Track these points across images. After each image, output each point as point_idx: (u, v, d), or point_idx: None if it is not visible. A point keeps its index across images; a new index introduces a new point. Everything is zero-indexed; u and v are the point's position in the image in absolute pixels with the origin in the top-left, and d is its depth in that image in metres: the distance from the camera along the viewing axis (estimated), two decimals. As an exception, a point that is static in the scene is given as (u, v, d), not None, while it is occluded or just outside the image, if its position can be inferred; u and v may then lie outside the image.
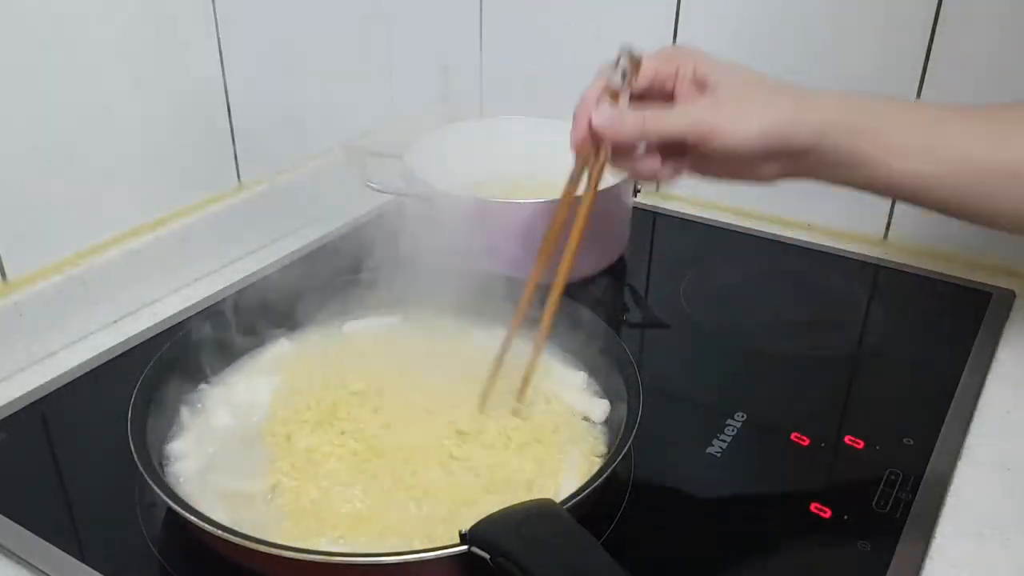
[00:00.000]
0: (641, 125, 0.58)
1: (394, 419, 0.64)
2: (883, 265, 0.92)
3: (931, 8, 0.85)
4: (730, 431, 0.67)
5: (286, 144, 0.95)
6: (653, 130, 0.58)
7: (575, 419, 0.65)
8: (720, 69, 0.60)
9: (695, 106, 0.60)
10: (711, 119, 0.58)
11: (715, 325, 0.82)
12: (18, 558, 0.57)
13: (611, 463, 0.55)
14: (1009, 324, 0.81)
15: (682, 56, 0.61)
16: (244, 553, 0.51)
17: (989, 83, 0.85)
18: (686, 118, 0.59)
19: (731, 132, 0.57)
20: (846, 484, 0.64)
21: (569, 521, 0.49)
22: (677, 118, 0.59)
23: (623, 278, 0.91)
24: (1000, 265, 0.90)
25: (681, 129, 0.58)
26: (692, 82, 0.61)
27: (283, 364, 0.70)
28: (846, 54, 0.91)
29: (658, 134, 0.59)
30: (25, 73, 0.70)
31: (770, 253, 0.95)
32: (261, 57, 0.89)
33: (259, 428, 0.63)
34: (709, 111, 0.58)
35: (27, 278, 0.74)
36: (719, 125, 0.57)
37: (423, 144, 0.91)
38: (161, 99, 0.81)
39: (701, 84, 0.60)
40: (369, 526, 0.56)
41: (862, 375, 0.78)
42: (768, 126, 0.58)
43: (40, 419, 0.69)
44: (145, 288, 0.83)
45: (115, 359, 0.75)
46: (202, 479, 0.59)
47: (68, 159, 0.75)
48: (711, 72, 0.60)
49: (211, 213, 0.88)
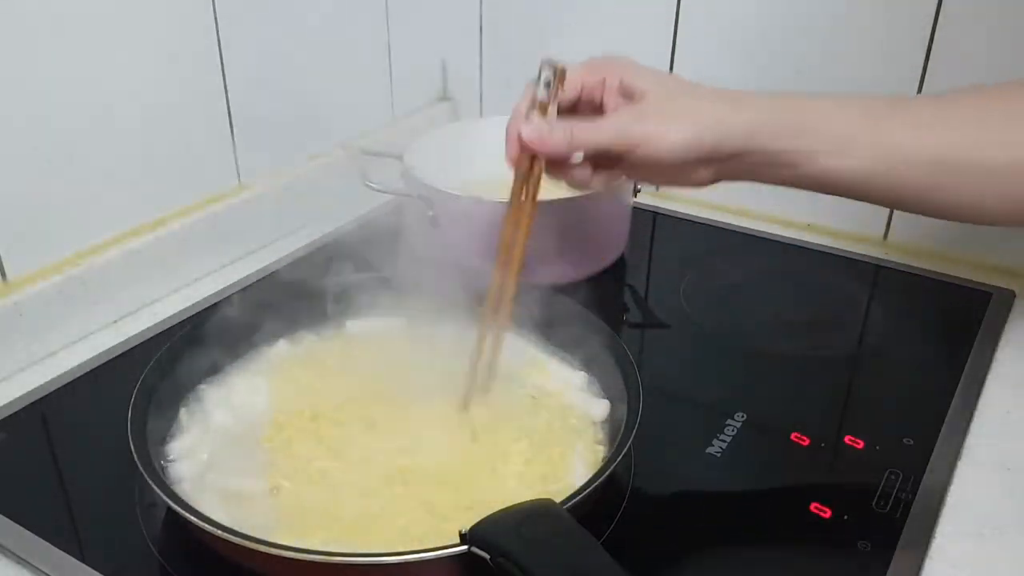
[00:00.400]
0: (569, 137, 0.59)
1: (394, 420, 0.64)
2: (883, 265, 0.92)
3: (931, 8, 0.85)
4: (730, 431, 0.67)
5: (286, 144, 0.95)
6: (580, 142, 0.59)
7: (575, 419, 0.65)
8: (646, 79, 0.61)
9: (620, 116, 0.60)
10: (637, 129, 0.58)
11: (715, 325, 0.82)
12: (18, 558, 0.57)
13: (611, 463, 0.55)
14: (1009, 324, 0.81)
15: (608, 66, 0.62)
16: (244, 553, 0.51)
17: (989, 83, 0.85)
18: (612, 129, 0.59)
19: (656, 141, 0.58)
20: (846, 484, 0.64)
21: (569, 521, 0.49)
22: (603, 129, 0.59)
23: (623, 278, 0.91)
24: (1000, 265, 0.90)
25: (608, 140, 0.59)
26: (619, 92, 0.61)
27: (283, 364, 0.70)
28: (846, 54, 0.91)
29: (585, 145, 0.59)
30: (25, 73, 0.70)
31: (770, 253, 0.95)
32: (261, 57, 0.89)
33: (259, 429, 0.63)
34: (634, 121, 0.59)
35: (27, 278, 0.74)
36: (645, 135, 0.58)
37: (423, 144, 0.91)
38: (161, 99, 0.81)
39: (628, 94, 0.61)
40: (369, 526, 0.56)
41: (862, 375, 0.78)
42: (693, 134, 0.58)
43: (40, 419, 0.69)
44: (145, 288, 0.83)
45: (115, 359, 0.75)
46: (202, 479, 0.59)
47: (68, 159, 0.75)
48: (637, 82, 0.60)
49: (211, 213, 0.88)
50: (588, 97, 0.63)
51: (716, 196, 1.03)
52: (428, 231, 0.84)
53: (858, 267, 0.92)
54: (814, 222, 0.99)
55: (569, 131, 0.59)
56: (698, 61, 0.99)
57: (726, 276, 0.91)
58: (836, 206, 0.96)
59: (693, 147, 0.58)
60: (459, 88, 1.16)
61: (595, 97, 0.62)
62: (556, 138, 0.59)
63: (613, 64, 0.62)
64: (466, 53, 1.13)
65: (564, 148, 0.59)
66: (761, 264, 0.93)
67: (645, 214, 1.01)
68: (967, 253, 0.91)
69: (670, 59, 1.00)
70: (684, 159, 0.59)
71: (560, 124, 0.59)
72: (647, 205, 1.03)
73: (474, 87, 1.15)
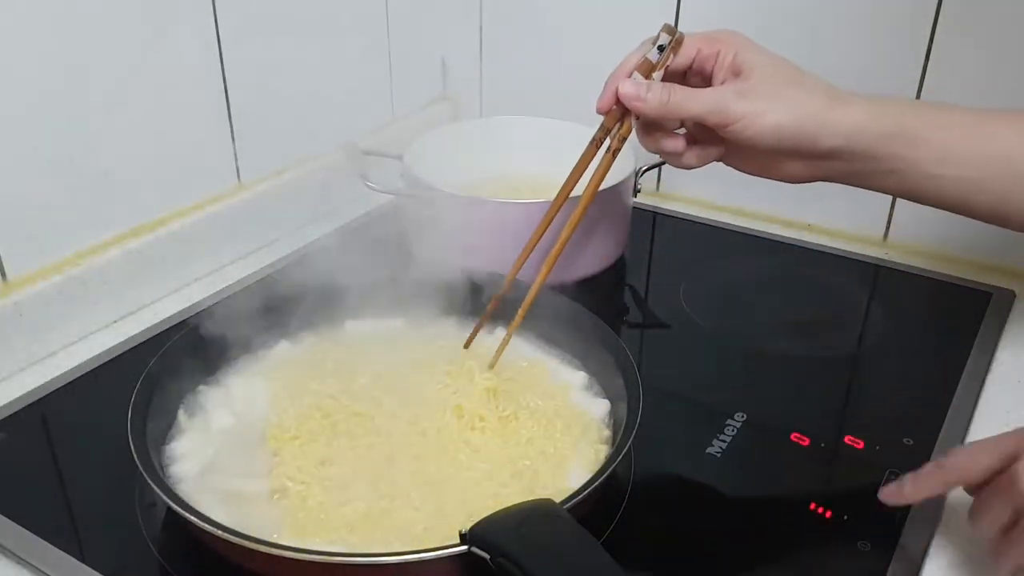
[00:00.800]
0: (665, 100, 0.58)
1: (394, 420, 0.64)
2: (883, 265, 0.92)
3: (931, 8, 0.85)
4: (730, 431, 0.67)
5: (286, 144, 0.95)
6: (675, 107, 0.58)
7: (575, 419, 0.65)
8: (759, 58, 0.60)
9: (721, 90, 0.59)
10: (732, 105, 0.57)
11: (715, 325, 0.82)
12: (18, 558, 0.57)
13: (611, 463, 0.55)
14: (1009, 324, 0.81)
15: (725, 40, 0.61)
16: (244, 553, 0.51)
17: (989, 83, 0.85)
18: (709, 101, 0.58)
19: (751, 121, 0.57)
20: (846, 484, 0.64)
21: (569, 521, 0.49)
22: (701, 99, 0.58)
23: (623, 278, 0.91)
24: (1000, 265, 0.90)
25: (702, 110, 0.58)
26: (730, 68, 0.60)
27: (283, 365, 0.70)
28: (846, 53, 0.91)
29: (679, 112, 0.59)
30: (25, 73, 0.70)
31: (770, 253, 0.95)
32: (261, 57, 0.89)
33: (259, 429, 0.63)
34: (734, 97, 0.58)
35: (27, 278, 0.74)
36: (740, 112, 0.57)
37: (423, 144, 0.91)
38: (161, 99, 0.81)
39: (737, 71, 0.60)
40: (370, 527, 0.56)
41: (862, 375, 0.78)
42: (790, 120, 0.57)
43: (40, 419, 0.69)
44: (145, 288, 0.83)
45: (115, 359, 0.75)
46: (202, 479, 0.59)
47: (68, 159, 0.75)
48: (749, 60, 0.59)
49: (211, 213, 0.87)
50: (699, 67, 0.62)
51: (716, 196, 1.03)
52: (428, 231, 0.84)
53: (858, 267, 0.92)
54: (814, 222, 0.99)
55: (667, 94, 0.58)
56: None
57: (726, 276, 0.91)
58: (836, 206, 0.97)
59: (788, 134, 0.57)
60: (459, 88, 1.16)
61: (706, 68, 0.62)
62: (652, 99, 0.58)
63: (730, 39, 0.61)
64: (466, 53, 1.13)
65: (658, 110, 0.58)
66: (761, 264, 0.93)
67: (645, 214, 1.01)
68: (967, 253, 0.91)
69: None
70: (777, 146, 0.58)
71: (659, 86, 0.58)
72: (647, 205, 1.03)
73: (474, 87, 1.15)
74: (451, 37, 1.12)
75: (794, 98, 0.58)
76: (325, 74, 0.97)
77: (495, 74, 1.13)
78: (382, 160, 0.89)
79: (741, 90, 0.58)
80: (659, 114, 0.59)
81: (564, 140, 0.80)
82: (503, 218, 0.81)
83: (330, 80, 0.98)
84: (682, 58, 0.61)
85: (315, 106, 0.97)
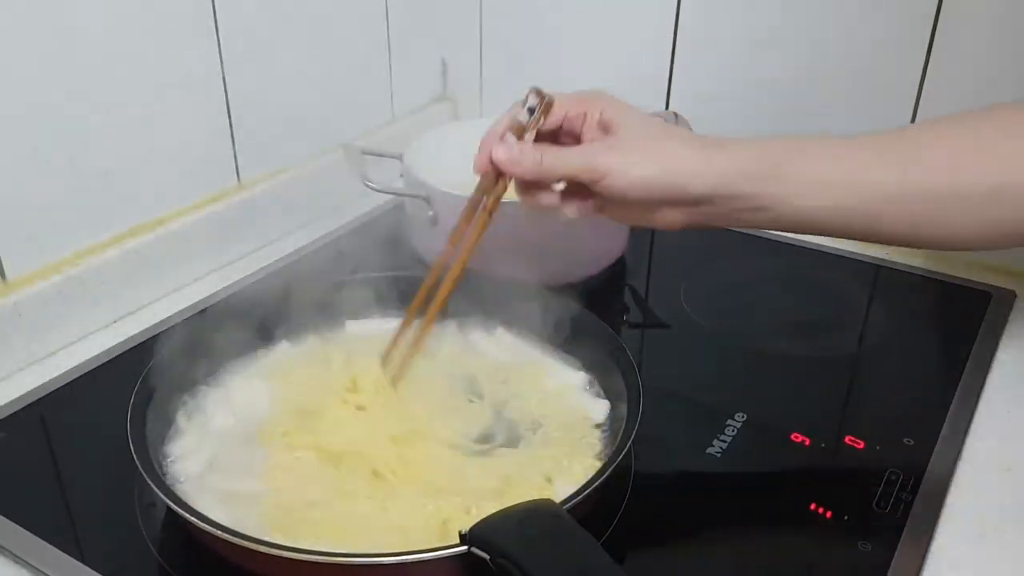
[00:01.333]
0: (538, 162, 0.60)
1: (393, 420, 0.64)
2: (883, 265, 0.92)
3: (931, 8, 0.85)
4: (730, 431, 0.67)
5: (286, 144, 0.95)
6: (548, 167, 0.60)
7: (575, 420, 0.65)
8: (625, 115, 0.61)
9: (589, 147, 0.61)
10: (604, 161, 0.59)
11: (715, 325, 0.82)
12: (17, 558, 0.57)
13: (611, 463, 0.55)
14: (1009, 324, 0.81)
15: (592, 100, 0.63)
16: (243, 553, 0.51)
17: (989, 81, 0.85)
18: (580, 158, 0.60)
19: (619, 174, 0.58)
20: (846, 484, 0.64)
21: (569, 521, 0.49)
22: (571, 157, 0.60)
23: (623, 278, 0.91)
24: (1000, 265, 0.90)
25: (575, 168, 0.60)
26: (599, 126, 0.62)
27: (282, 365, 0.70)
28: (846, 52, 0.91)
29: (553, 172, 0.60)
30: (25, 73, 0.70)
31: (770, 253, 0.95)
32: (261, 57, 0.89)
33: (258, 429, 0.63)
34: (602, 153, 0.60)
35: (27, 278, 0.74)
36: (609, 166, 0.58)
37: (423, 144, 0.91)
38: (161, 99, 0.81)
39: (606, 128, 0.62)
40: (369, 527, 0.56)
41: (862, 375, 0.78)
42: (656, 172, 0.59)
43: (39, 419, 0.69)
44: (145, 288, 0.83)
45: (115, 359, 0.75)
46: (202, 479, 0.59)
47: (68, 159, 0.75)
48: (615, 117, 0.61)
49: (211, 213, 0.87)
50: (569, 128, 0.64)
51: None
52: (428, 231, 0.84)
53: (858, 267, 0.92)
54: (814, 222, 0.99)
55: (539, 156, 0.60)
56: (697, 62, 0.99)
57: (726, 276, 0.91)
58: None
59: (656, 185, 0.59)
60: (459, 88, 1.16)
61: (575, 128, 0.64)
62: (526, 162, 0.60)
63: (596, 98, 0.63)
64: (466, 53, 1.13)
65: (532, 173, 0.60)
66: (761, 264, 0.93)
67: (645, 214, 1.01)
68: (967, 253, 0.91)
69: (670, 57, 1.00)
70: (648, 197, 0.59)
71: (531, 149, 0.60)
72: (647, 205, 1.03)
73: (474, 87, 1.15)
74: (451, 37, 1.12)
75: (661, 149, 0.60)
76: (325, 74, 0.97)
77: (495, 74, 1.13)
78: (382, 160, 0.89)
79: (609, 145, 0.60)
80: (533, 175, 0.60)
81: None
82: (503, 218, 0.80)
83: (330, 80, 0.98)
84: (552, 120, 0.63)
85: (315, 106, 0.97)
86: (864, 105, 0.92)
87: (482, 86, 1.15)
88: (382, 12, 1.02)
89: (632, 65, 1.02)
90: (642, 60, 1.01)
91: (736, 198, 0.59)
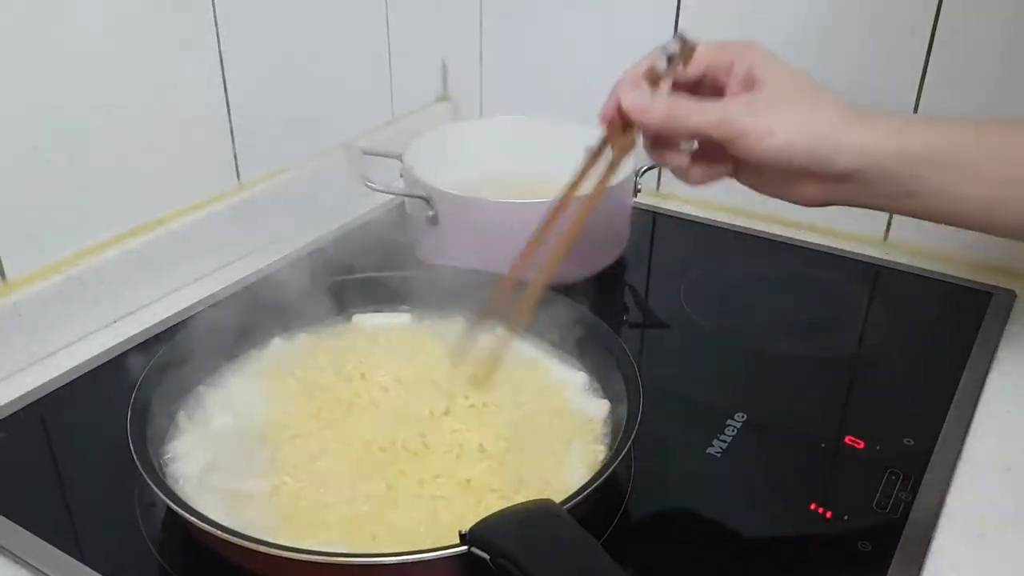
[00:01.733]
0: (668, 114, 0.55)
1: (393, 420, 0.64)
2: (883, 265, 0.92)
3: (931, 7, 0.85)
4: (730, 431, 0.67)
5: (286, 144, 0.95)
6: (679, 120, 0.55)
7: (575, 420, 0.65)
8: (774, 72, 0.56)
9: (729, 103, 0.56)
10: (740, 120, 0.54)
11: (715, 325, 0.82)
12: (17, 558, 0.57)
13: (611, 463, 0.55)
14: (1009, 324, 0.81)
15: (739, 51, 0.57)
16: (244, 553, 0.51)
17: (989, 83, 0.85)
18: (715, 114, 0.55)
19: (759, 138, 0.53)
20: (846, 484, 0.64)
21: (569, 521, 0.49)
22: (706, 112, 0.55)
23: (623, 278, 0.91)
24: (1000, 265, 0.90)
25: (708, 125, 0.55)
26: (744, 80, 0.56)
27: (282, 364, 0.70)
28: (846, 52, 0.91)
29: (685, 125, 0.55)
30: (25, 73, 0.70)
31: (770, 253, 0.95)
32: (261, 57, 0.89)
33: (259, 429, 0.63)
34: (741, 111, 0.54)
35: (27, 278, 0.74)
36: (748, 128, 0.53)
37: (423, 144, 0.91)
38: (161, 99, 0.81)
39: (751, 84, 0.56)
40: (370, 527, 0.56)
41: (862, 375, 0.78)
42: (798, 140, 0.53)
43: (39, 419, 0.69)
44: (145, 288, 0.83)
45: (115, 359, 0.75)
46: (202, 479, 0.59)
47: (68, 159, 0.75)
48: (763, 73, 0.55)
49: (211, 213, 0.87)
50: (712, 79, 0.58)
51: (716, 196, 1.03)
52: (428, 231, 0.84)
53: (858, 267, 0.92)
54: (814, 222, 0.99)
55: (670, 107, 0.55)
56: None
57: (726, 276, 0.91)
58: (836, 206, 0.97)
59: (799, 153, 0.53)
60: (459, 88, 1.16)
61: (719, 79, 0.57)
62: (655, 112, 0.55)
63: (745, 49, 0.57)
64: (466, 53, 1.13)
65: (661, 123, 0.55)
66: (761, 264, 0.93)
67: (645, 214, 1.01)
68: (967, 253, 0.91)
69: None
70: (787, 166, 0.54)
71: (664, 98, 0.55)
72: (647, 205, 1.03)
73: (474, 87, 1.15)
74: (451, 37, 1.12)
75: (808, 115, 0.54)
76: (325, 74, 0.97)
77: (495, 74, 1.13)
78: (382, 160, 0.89)
79: (751, 103, 0.54)
80: (663, 127, 0.55)
81: (564, 140, 0.80)
82: (503, 218, 0.81)
83: (330, 80, 0.98)
84: (693, 68, 0.57)
85: (315, 106, 0.97)
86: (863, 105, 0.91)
87: (482, 86, 1.15)
88: (382, 12, 1.02)
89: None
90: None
91: (886, 179, 0.54)
